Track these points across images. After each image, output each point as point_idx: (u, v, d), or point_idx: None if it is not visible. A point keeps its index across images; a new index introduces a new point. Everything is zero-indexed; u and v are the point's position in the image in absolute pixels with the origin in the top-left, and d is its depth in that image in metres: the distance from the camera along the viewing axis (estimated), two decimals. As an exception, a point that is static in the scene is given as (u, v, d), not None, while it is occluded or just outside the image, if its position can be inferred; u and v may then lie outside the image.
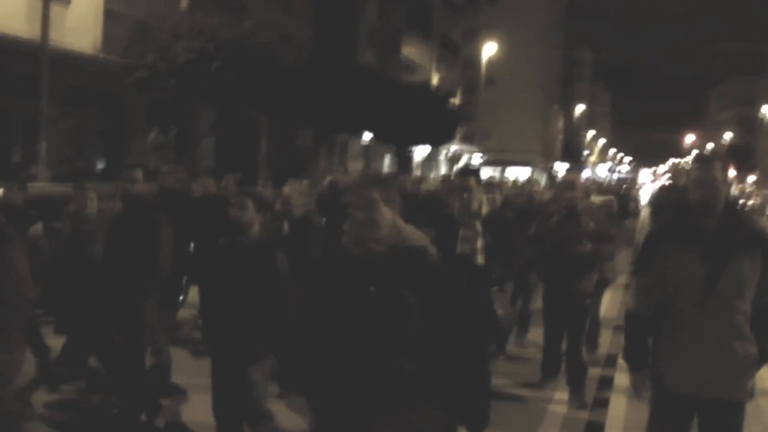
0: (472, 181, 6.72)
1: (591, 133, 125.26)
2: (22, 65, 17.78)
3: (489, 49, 53.59)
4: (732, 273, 4.13)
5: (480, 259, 6.55)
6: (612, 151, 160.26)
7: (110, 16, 21.87)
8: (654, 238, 4.56)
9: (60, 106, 19.73)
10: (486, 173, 58.05)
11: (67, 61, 19.29)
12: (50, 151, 18.29)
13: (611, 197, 13.20)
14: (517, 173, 46.77)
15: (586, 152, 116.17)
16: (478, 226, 6.60)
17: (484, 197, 6.87)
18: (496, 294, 6.56)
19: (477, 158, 61.19)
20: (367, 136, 36.47)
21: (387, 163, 46.02)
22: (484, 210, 6.75)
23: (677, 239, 4.28)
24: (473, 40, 60.47)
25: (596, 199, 12.30)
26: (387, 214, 3.41)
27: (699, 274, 4.15)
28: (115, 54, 20.77)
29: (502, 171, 68.68)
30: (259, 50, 20.72)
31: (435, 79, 51.34)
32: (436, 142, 42.70)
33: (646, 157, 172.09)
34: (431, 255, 3.55)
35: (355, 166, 39.94)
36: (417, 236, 3.59)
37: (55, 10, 18.36)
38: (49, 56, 16.76)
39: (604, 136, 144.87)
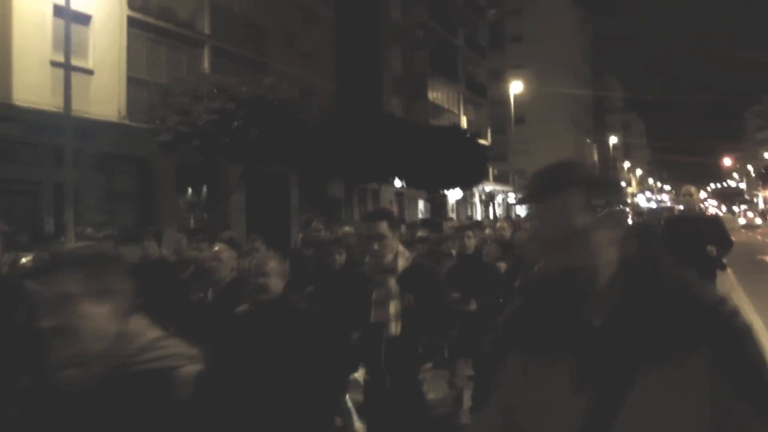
0: (383, 227, 5.24)
1: (627, 164, 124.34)
2: (49, 136, 18.16)
3: (515, 88, 53.74)
4: (643, 407, 1.91)
5: (395, 329, 5.06)
6: (651, 179, 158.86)
7: (133, 82, 22.44)
8: (497, 338, 2.34)
9: (89, 173, 20.09)
10: (524, 211, 57.98)
11: (94, 129, 19.71)
12: (82, 218, 18.58)
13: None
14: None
15: (623, 183, 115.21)
16: (393, 284, 5.12)
17: (401, 248, 5.34)
18: (430, 374, 5.17)
19: (511, 197, 60.92)
20: (398, 182, 36.53)
21: (421, 208, 46.01)
22: (401, 263, 5.20)
23: (530, 343, 2.14)
24: (500, 79, 60.70)
25: None
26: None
27: (574, 412, 1.97)
28: (140, 119, 21.20)
29: (539, 208, 68.16)
30: (279, 106, 20.96)
31: (463, 122, 51.47)
32: (468, 184, 42.59)
33: (687, 183, 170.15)
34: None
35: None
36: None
37: (78, 80, 18.76)
38: (72, 125, 17.05)
39: (641, 166, 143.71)
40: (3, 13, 18.59)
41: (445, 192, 43.66)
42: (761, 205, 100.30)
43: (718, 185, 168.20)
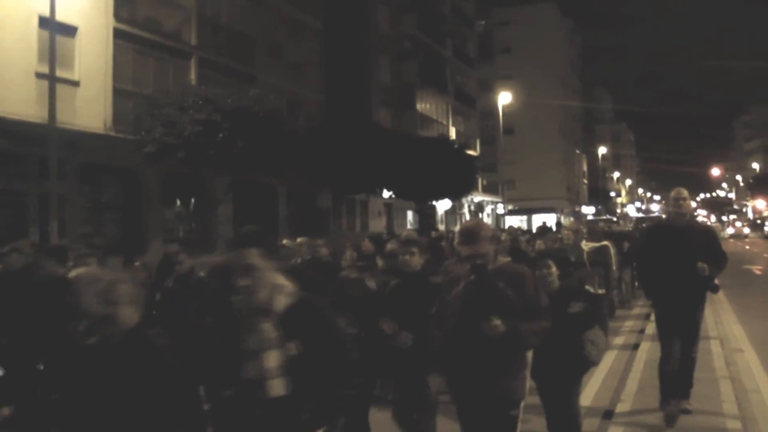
0: (253, 255, 4.16)
1: (617, 175, 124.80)
2: (34, 147, 18.11)
3: (504, 98, 53.87)
4: None
5: (276, 388, 3.97)
6: (640, 190, 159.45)
7: (119, 94, 22.42)
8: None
9: (75, 184, 20.05)
10: (513, 222, 58.11)
11: (79, 140, 19.69)
12: (68, 228, 18.52)
13: (605, 243, 11.75)
14: (543, 220, 46.42)
15: (612, 194, 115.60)
16: (269, 328, 4.00)
17: (280, 280, 4.18)
18: None
19: (501, 208, 61.03)
20: (387, 193, 36.55)
21: (410, 218, 46.02)
22: (282, 301, 4.07)
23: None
24: (489, 90, 60.90)
25: (587, 245, 11.51)
26: None
27: None
28: (126, 131, 21.17)
29: (528, 219, 68.53)
30: (266, 117, 20.98)
31: (452, 132, 51.58)
32: (457, 195, 42.65)
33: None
34: None
35: (377, 224, 40.03)
36: None
37: (64, 91, 18.77)
38: (58, 137, 17.04)
39: (631, 176, 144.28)
40: (-12, 24, 18.57)
41: (434, 203, 43.71)
42: (750, 215, 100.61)
43: (708, 195, 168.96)
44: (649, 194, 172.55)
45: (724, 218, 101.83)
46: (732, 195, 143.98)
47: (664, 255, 7.84)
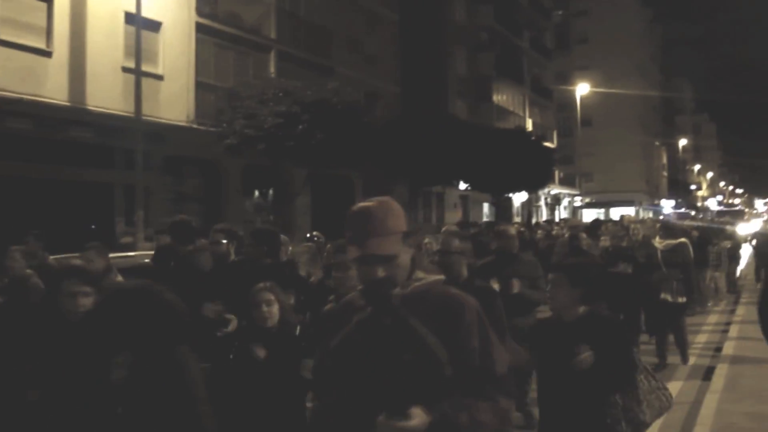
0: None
1: (697, 167, 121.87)
2: (120, 140, 18.68)
3: (582, 90, 53.10)
4: None
5: None
6: (722, 183, 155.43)
7: (201, 87, 22.93)
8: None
9: (158, 175, 20.57)
10: (590, 215, 57.30)
11: (163, 133, 20.20)
12: (151, 219, 19.03)
13: (683, 241, 10.56)
14: (622, 213, 45.67)
15: (693, 186, 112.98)
16: None
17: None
18: None
19: (578, 200, 60.28)
20: (463, 185, 36.45)
21: (486, 211, 45.81)
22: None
23: None
24: (566, 81, 60.12)
25: (660, 243, 10.29)
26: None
27: None
28: (207, 123, 21.64)
29: (606, 212, 67.61)
30: (344, 109, 21.15)
31: (529, 124, 51.10)
32: (534, 188, 42.28)
33: (760, 186, 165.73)
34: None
35: (453, 216, 39.96)
36: None
37: (148, 85, 19.27)
38: (143, 129, 17.53)
39: (712, 169, 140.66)
40: (78, 21, 19.19)
41: (510, 195, 43.41)
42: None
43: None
44: (731, 187, 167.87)
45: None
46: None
47: None
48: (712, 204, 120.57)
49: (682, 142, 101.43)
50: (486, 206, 45.72)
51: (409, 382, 2.60)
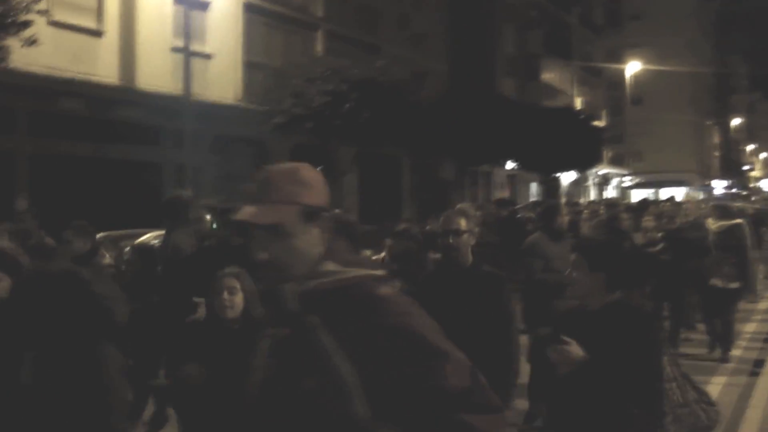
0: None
1: (751, 147, 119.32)
2: (169, 119, 18.83)
3: (633, 68, 52.17)
4: None
5: None
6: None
7: (249, 66, 22.99)
8: None
9: (207, 154, 20.70)
10: (639, 195, 56.56)
11: (212, 112, 20.29)
12: (199, 198, 19.16)
13: (738, 222, 10.14)
14: (672, 193, 44.96)
15: (746, 167, 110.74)
16: None
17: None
18: None
19: (627, 181, 59.49)
20: (510, 164, 36.16)
21: (533, 191, 45.45)
22: None
23: None
24: (616, 59, 59.12)
25: (714, 224, 10.03)
26: None
27: None
28: (256, 102, 21.69)
29: (656, 193, 66.62)
30: (391, 88, 21.03)
31: (578, 103, 50.45)
32: (582, 167, 41.75)
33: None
34: None
35: (501, 195, 39.70)
36: None
37: (197, 64, 19.36)
38: (192, 108, 17.63)
39: (767, 149, 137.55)
40: (128, 1, 19.35)
41: (558, 175, 42.97)
42: None
43: None
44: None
45: None
46: None
47: None
48: (765, 185, 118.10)
49: (735, 121, 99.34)
50: (534, 186, 45.34)
51: (307, 422, 1.88)
